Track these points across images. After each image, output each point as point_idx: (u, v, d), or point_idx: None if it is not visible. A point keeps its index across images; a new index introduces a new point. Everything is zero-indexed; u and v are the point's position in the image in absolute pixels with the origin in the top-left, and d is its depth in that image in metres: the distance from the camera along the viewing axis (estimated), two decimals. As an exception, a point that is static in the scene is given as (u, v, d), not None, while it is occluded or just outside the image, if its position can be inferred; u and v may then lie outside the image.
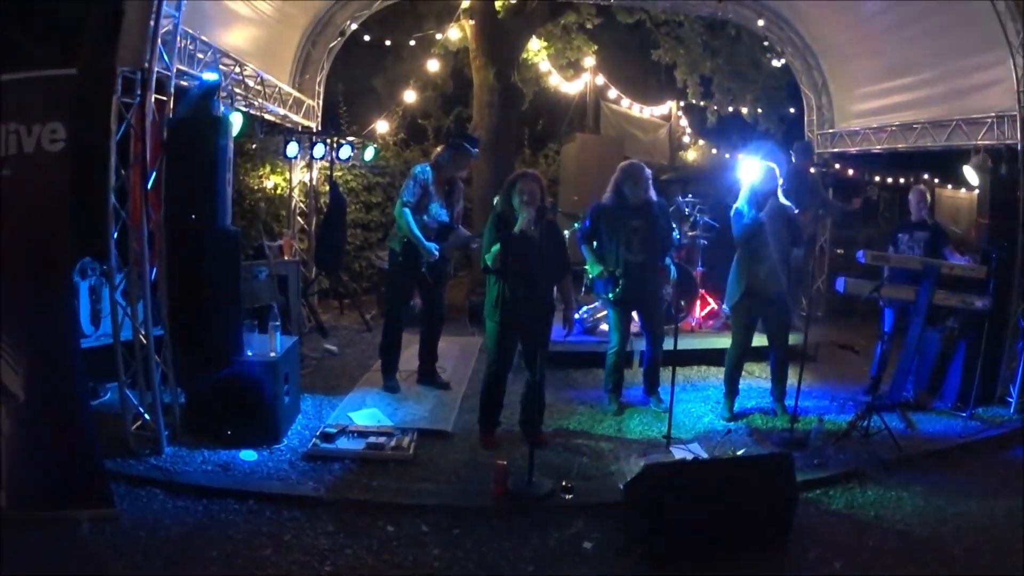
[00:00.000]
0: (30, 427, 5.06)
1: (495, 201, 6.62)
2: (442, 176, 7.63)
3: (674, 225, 7.81)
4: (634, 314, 7.64)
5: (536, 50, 15.63)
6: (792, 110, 15.90)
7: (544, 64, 16.10)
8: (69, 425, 5.18)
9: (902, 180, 19.17)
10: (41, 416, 5.08)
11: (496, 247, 6.10)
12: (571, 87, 17.42)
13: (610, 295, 7.23)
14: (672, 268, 7.63)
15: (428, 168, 7.56)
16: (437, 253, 7.50)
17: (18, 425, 5.04)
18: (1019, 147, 8.02)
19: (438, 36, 14.18)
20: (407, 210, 7.34)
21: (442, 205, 7.65)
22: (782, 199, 7.21)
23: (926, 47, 9.31)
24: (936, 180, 18.77)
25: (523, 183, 6.19)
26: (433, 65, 14.27)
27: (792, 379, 7.40)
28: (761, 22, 11.08)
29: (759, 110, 16.56)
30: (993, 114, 8.46)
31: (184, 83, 6.76)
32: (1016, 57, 7.80)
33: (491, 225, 6.33)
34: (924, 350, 8.08)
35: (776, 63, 15.03)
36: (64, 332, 5.26)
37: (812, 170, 10.51)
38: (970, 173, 8.88)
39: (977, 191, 8.89)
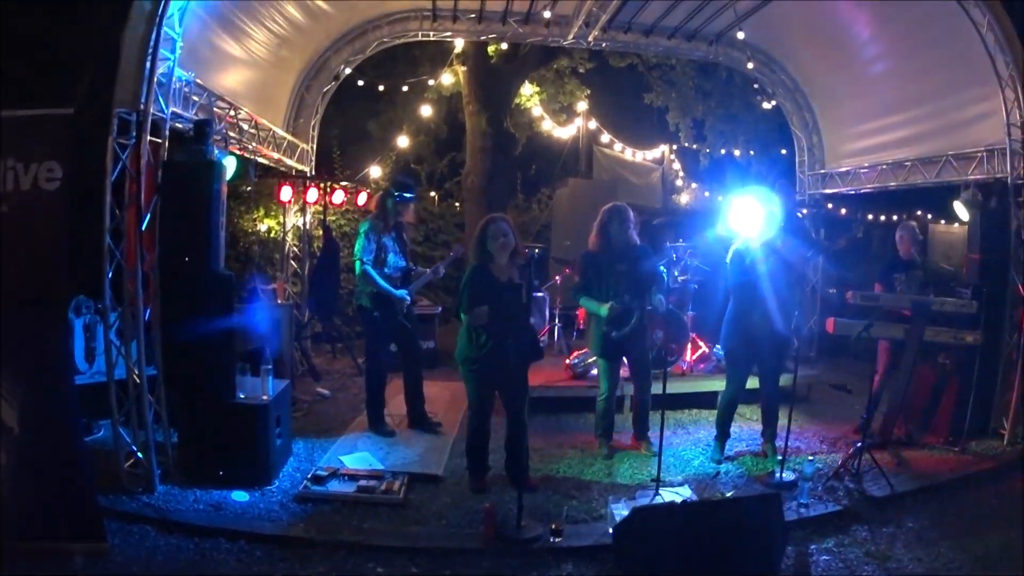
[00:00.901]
0: (25, 460, 5.09)
1: (453, 252, 6.67)
2: (389, 224, 7.72)
3: (663, 269, 7.80)
4: (624, 359, 7.64)
5: (529, 95, 15.77)
6: (784, 151, 16.00)
7: (537, 109, 16.23)
8: (63, 459, 5.20)
9: (895, 217, 19.28)
10: (36, 449, 5.11)
11: (467, 303, 6.17)
12: (564, 132, 17.53)
13: (624, 330, 7.20)
14: (662, 298, 7.56)
15: (376, 221, 7.68)
16: (409, 298, 7.65)
17: (13, 457, 5.06)
18: (1009, 180, 8.10)
19: (431, 82, 14.30)
20: (368, 267, 7.48)
21: (396, 252, 7.74)
22: (778, 241, 7.22)
23: (916, 84, 9.44)
24: (929, 216, 18.92)
25: (493, 227, 6.24)
26: (426, 110, 14.40)
27: (783, 420, 7.39)
28: (751, 65, 11.20)
29: (751, 152, 16.68)
30: (983, 148, 8.54)
31: (179, 125, 6.81)
32: (1006, 90, 7.90)
33: (469, 276, 6.32)
34: (916, 387, 8.07)
35: (767, 105, 15.16)
36: (59, 367, 5.30)
37: (800, 212, 10.54)
38: (960, 208, 8.92)
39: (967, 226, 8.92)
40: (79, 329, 7.10)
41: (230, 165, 7.74)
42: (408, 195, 7.79)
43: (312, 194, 10.67)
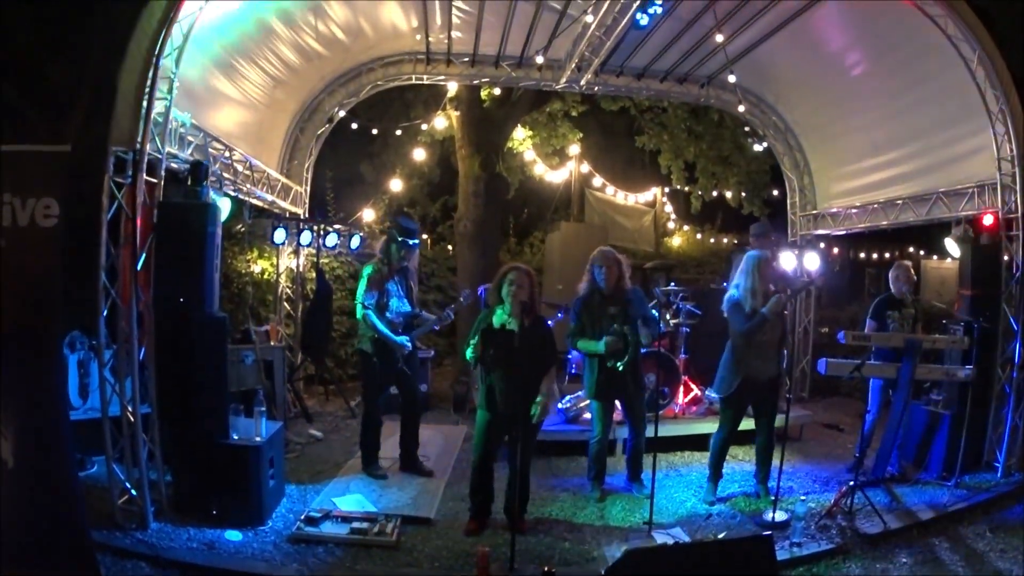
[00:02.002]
0: (18, 493, 5.04)
1: (462, 298, 6.65)
2: (393, 268, 7.70)
3: (655, 313, 7.80)
4: (616, 402, 7.62)
5: (521, 139, 15.89)
6: (776, 192, 16.10)
7: (529, 153, 16.35)
8: (57, 493, 5.16)
9: (887, 255, 19.38)
10: (30, 483, 5.07)
11: (475, 339, 6.15)
12: (556, 175, 17.66)
13: (619, 363, 7.17)
14: (648, 331, 7.55)
15: (379, 266, 7.66)
16: (410, 345, 7.58)
17: (6, 491, 5.01)
18: (1000, 215, 8.16)
19: (424, 126, 14.38)
20: (370, 312, 7.46)
21: (400, 296, 7.73)
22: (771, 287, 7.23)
23: (906, 122, 9.54)
24: (921, 252, 19.03)
25: (515, 275, 6.25)
26: (420, 154, 14.46)
27: (775, 460, 7.36)
28: (742, 107, 11.30)
29: (743, 194, 16.76)
30: (974, 184, 8.61)
31: (175, 166, 6.83)
32: (996, 124, 7.97)
33: (481, 318, 6.38)
34: (909, 423, 8.07)
35: (758, 147, 15.27)
36: (53, 402, 5.27)
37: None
38: (951, 245, 8.98)
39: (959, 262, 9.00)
40: (73, 365, 7.12)
41: (225, 207, 7.77)
42: (412, 241, 7.74)
43: (306, 236, 10.67)
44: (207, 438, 6.36)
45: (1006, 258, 8.17)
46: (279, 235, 10.11)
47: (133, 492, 6.14)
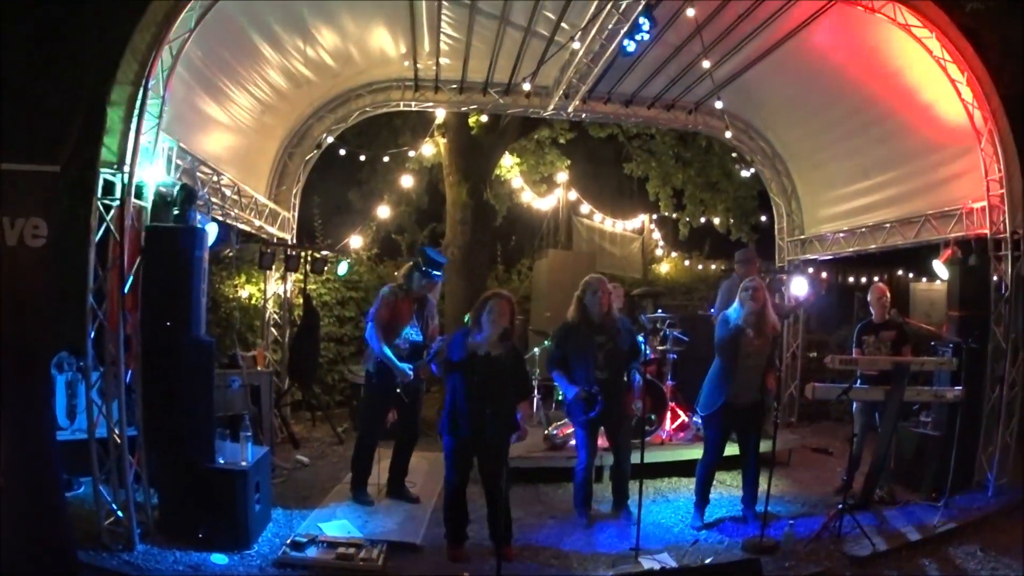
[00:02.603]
0: (5, 512, 5.04)
1: (466, 318, 6.66)
2: (411, 296, 7.66)
3: (641, 340, 7.81)
4: (602, 428, 7.60)
5: (509, 166, 15.93)
6: (764, 218, 16.16)
7: (517, 180, 16.38)
8: (43, 513, 5.20)
9: (876, 278, 19.42)
10: (16, 503, 5.08)
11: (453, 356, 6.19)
12: (544, 203, 17.67)
13: (589, 415, 7.18)
14: (636, 376, 7.58)
15: (397, 290, 7.62)
16: (411, 374, 7.51)
17: (-6, 509, 5.02)
18: (988, 235, 8.24)
19: (412, 152, 14.41)
20: (373, 330, 7.40)
21: (414, 325, 7.67)
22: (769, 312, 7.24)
23: (894, 145, 9.62)
24: (910, 275, 19.09)
25: (495, 302, 6.24)
26: (407, 181, 14.44)
27: (763, 484, 7.35)
28: (729, 133, 11.37)
29: (731, 220, 16.83)
30: (962, 206, 8.68)
31: (163, 189, 6.83)
32: (984, 145, 8.06)
33: (456, 341, 6.34)
34: (897, 445, 8.13)
35: (746, 173, 15.34)
36: (40, 422, 5.30)
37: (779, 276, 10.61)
38: (939, 267, 9.03)
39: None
40: (61, 386, 7.13)
41: (212, 231, 7.76)
42: (436, 273, 7.66)
43: (293, 262, 10.67)
44: (193, 462, 6.34)
45: (995, 278, 8.24)
46: (267, 261, 10.16)
47: (120, 514, 6.13)
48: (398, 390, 7.50)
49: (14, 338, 5.17)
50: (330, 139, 11.36)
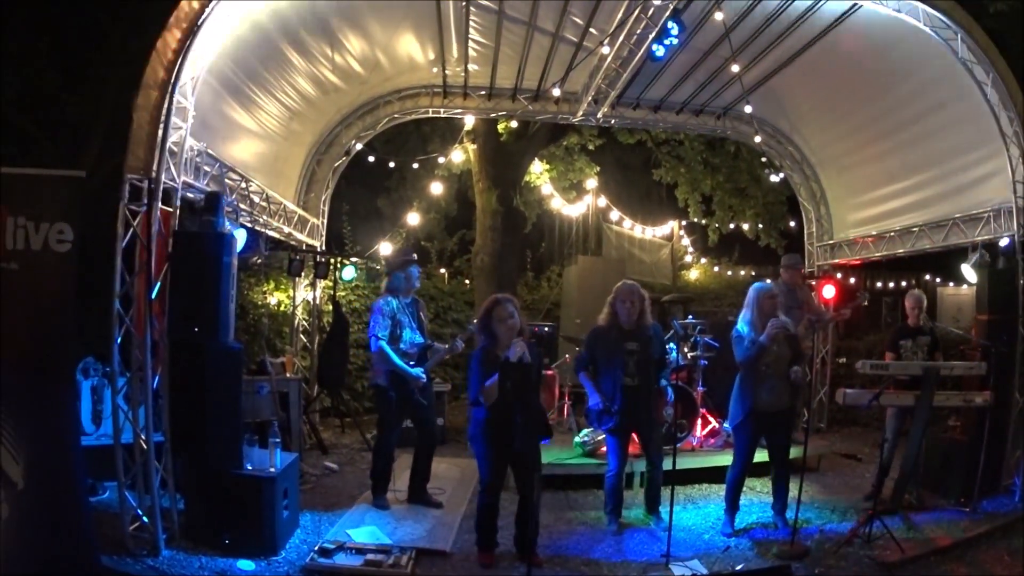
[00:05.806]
0: (28, 515, 5.09)
1: (470, 327, 6.64)
2: (402, 300, 7.69)
3: (672, 347, 7.76)
4: (634, 435, 7.55)
5: (539, 172, 15.93)
6: (793, 223, 16.05)
7: (547, 186, 16.38)
8: (67, 517, 5.23)
9: (904, 283, 19.28)
10: (40, 506, 5.12)
11: (475, 385, 6.13)
12: (573, 209, 17.67)
13: (605, 429, 7.19)
14: (668, 390, 7.56)
15: (389, 298, 7.63)
16: (424, 377, 7.52)
17: (16, 512, 5.04)
18: (1017, 238, 8.11)
19: (441, 159, 14.42)
20: (384, 344, 7.40)
21: (413, 328, 7.69)
22: (781, 316, 7.19)
23: (922, 149, 9.50)
24: (938, 279, 18.94)
25: (498, 309, 6.22)
26: (436, 188, 14.46)
27: (794, 491, 7.27)
28: (758, 138, 11.31)
29: (760, 225, 16.73)
30: (990, 208, 8.56)
31: (190, 195, 6.84)
32: (1011, 147, 7.95)
33: (478, 359, 6.27)
34: (927, 450, 8.00)
35: (775, 178, 15.24)
36: (65, 426, 5.35)
37: (807, 282, 10.52)
38: (968, 271, 8.94)
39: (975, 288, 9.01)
40: (86, 391, 7.15)
41: (241, 237, 7.77)
42: (413, 267, 7.78)
43: (323, 269, 10.69)
44: (221, 468, 6.32)
45: (1023, 282, 8.11)
46: (296, 268, 10.20)
47: (145, 519, 6.13)
48: (416, 396, 7.54)
49: (39, 342, 5.20)
50: (359, 146, 11.36)
